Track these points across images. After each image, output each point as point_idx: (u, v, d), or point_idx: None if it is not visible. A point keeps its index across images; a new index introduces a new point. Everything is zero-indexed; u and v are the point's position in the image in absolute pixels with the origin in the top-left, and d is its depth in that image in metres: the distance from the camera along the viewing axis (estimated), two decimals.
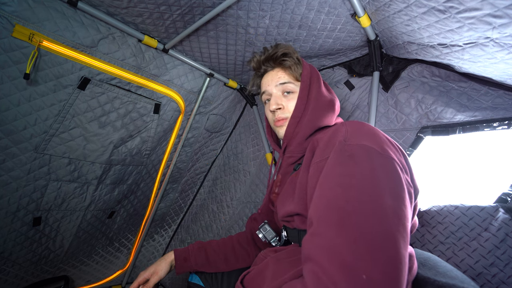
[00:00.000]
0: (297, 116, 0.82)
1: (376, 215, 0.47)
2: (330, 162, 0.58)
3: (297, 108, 0.82)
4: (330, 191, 0.53)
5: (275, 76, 0.88)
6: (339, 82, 1.39)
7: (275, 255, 0.76)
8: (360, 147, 0.57)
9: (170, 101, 1.54)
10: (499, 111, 0.89)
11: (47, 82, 1.12)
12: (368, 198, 0.49)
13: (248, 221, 1.17)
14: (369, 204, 0.48)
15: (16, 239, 1.28)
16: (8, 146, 1.12)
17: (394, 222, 0.47)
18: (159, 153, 1.72)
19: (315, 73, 0.87)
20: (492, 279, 0.79)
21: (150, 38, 1.29)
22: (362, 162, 0.54)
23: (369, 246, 0.43)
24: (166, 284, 2.10)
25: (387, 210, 0.48)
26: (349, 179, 0.52)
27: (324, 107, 0.83)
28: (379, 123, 1.21)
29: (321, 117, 0.82)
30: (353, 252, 0.43)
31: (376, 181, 0.51)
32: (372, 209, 0.48)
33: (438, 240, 0.93)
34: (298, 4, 1.03)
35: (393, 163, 0.55)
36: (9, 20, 0.97)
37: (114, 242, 1.81)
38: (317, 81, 0.85)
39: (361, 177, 0.52)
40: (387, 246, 0.44)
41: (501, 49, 0.68)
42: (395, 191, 0.51)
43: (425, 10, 0.76)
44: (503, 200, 0.87)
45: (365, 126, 0.64)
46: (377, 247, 0.43)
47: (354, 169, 0.53)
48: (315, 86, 0.84)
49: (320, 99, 0.83)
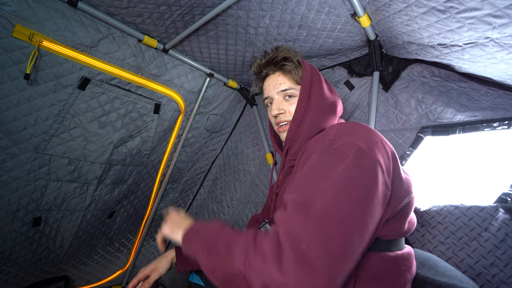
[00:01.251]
0: (298, 119, 0.82)
1: (340, 206, 0.50)
2: (314, 155, 0.62)
3: (297, 112, 0.82)
4: (304, 178, 0.58)
5: (276, 81, 0.88)
6: (339, 82, 1.39)
7: None
8: (345, 143, 0.58)
9: (170, 101, 1.54)
10: (499, 111, 0.89)
11: (47, 82, 1.12)
12: (337, 190, 0.52)
13: (250, 222, 1.18)
14: (335, 195, 0.51)
15: (16, 239, 1.28)
16: (8, 146, 1.12)
17: (353, 214, 0.50)
18: (159, 153, 1.71)
19: (316, 75, 0.87)
20: (492, 279, 0.79)
21: (150, 38, 1.29)
22: (341, 157, 0.56)
23: (323, 228, 0.47)
24: (166, 284, 2.10)
25: (350, 202, 0.50)
26: (324, 169, 0.56)
27: (325, 109, 0.83)
28: (379, 123, 1.21)
29: (322, 120, 0.82)
30: (304, 227, 0.48)
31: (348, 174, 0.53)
32: (337, 200, 0.51)
33: (438, 240, 0.93)
34: (298, 4, 1.03)
35: (374, 163, 0.56)
36: (9, 20, 0.97)
37: (114, 242, 1.81)
38: (318, 83, 0.85)
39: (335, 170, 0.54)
40: (338, 233, 0.47)
41: (501, 49, 0.68)
42: (367, 190, 0.53)
43: (425, 10, 0.76)
44: (503, 200, 0.87)
45: (360, 126, 0.64)
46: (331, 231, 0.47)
47: (331, 162, 0.56)
48: (316, 89, 0.84)
49: (322, 102, 0.83)
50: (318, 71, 0.90)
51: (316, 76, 0.86)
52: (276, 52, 0.88)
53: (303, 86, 0.83)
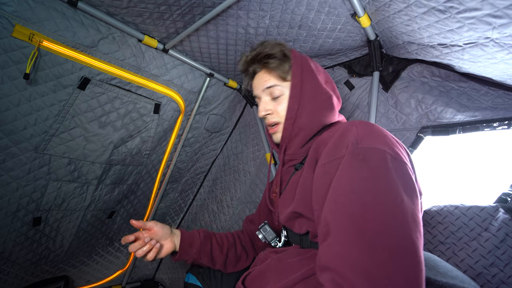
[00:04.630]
0: (291, 117, 0.77)
1: (394, 220, 0.46)
2: (344, 166, 0.56)
3: (290, 109, 0.77)
4: (345, 197, 0.51)
5: (261, 79, 0.83)
6: (339, 82, 1.39)
7: (277, 256, 0.75)
8: (373, 150, 0.55)
9: (170, 101, 1.54)
10: (499, 111, 0.89)
11: (47, 82, 1.12)
12: (384, 203, 0.48)
13: (244, 222, 1.14)
14: (386, 209, 0.47)
15: (16, 239, 1.28)
16: (8, 146, 1.12)
17: (413, 226, 0.46)
18: (159, 153, 1.71)
19: (306, 66, 0.79)
20: (492, 279, 0.79)
21: (150, 38, 1.29)
22: (376, 167, 0.53)
23: (389, 252, 0.42)
24: (166, 284, 2.10)
25: (406, 215, 0.47)
26: (364, 183, 0.51)
27: (323, 103, 0.78)
28: (379, 123, 1.21)
29: (321, 116, 0.77)
30: (374, 260, 0.42)
31: (391, 185, 0.50)
32: (390, 214, 0.46)
33: (438, 240, 0.93)
34: (298, 4, 1.03)
35: (406, 167, 0.54)
36: (9, 20, 0.97)
37: (114, 242, 1.81)
38: (311, 74, 0.79)
39: (375, 182, 0.51)
40: (407, 251, 0.43)
41: (501, 49, 0.68)
42: (410, 195, 0.50)
43: (425, 10, 0.76)
44: (503, 200, 0.87)
45: (374, 127, 0.62)
46: (398, 253, 0.42)
47: (368, 173, 0.52)
48: (309, 81, 0.78)
49: (318, 95, 0.77)
50: (311, 61, 0.83)
51: (307, 66, 0.79)
52: (260, 48, 0.82)
53: (293, 80, 0.77)
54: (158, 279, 2.12)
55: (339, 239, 0.47)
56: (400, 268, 0.41)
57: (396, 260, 0.42)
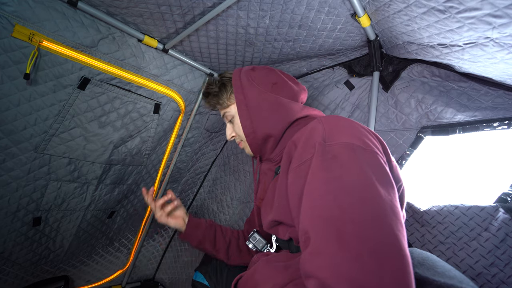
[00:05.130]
0: (249, 133, 0.80)
1: (374, 217, 0.45)
2: (314, 168, 0.54)
3: (244, 127, 0.81)
4: (320, 200, 0.50)
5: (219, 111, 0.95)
6: (339, 82, 1.39)
7: (265, 258, 0.76)
8: (342, 145, 0.54)
9: (170, 101, 1.54)
10: (499, 111, 0.89)
11: (47, 82, 1.12)
12: (361, 200, 0.46)
13: (245, 224, 1.19)
14: (364, 207, 0.46)
15: (16, 239, 1.28)
16: (8, 146, 1.12)
17: (393, 219, 0.45)
18: (159, 153, 1.71)
19: (244, 82, 0.82)
20: (492, 279, 0.79)
21: (150, 38, 1.29)
22: (347, 162, 0.51)
23: (373, 254, 0.41)
24: (166, 284, 2.10)
25: (385, 209, 0.46)
26: (337, 183, 0.50)
27: (271, 107, 0.79)
28: (379, 123, 1.21)
29: (277, 119, 0.78)
30: (359, 265, 0.41)
31: (366, 181, 0.49)
32: (368, 212, 0.45)
33: (438, 240, 0.93)
34: (298, 4, 1.03)
35: (377, 157, 0.53)
36: (9, 20, 0.97)
37: (114, 242, 1.81)
38: (250, 88, 0.81)
39: (349, 179, 0.49)
40: (391, 248, 0.42)
41: (501, 49, 0.68)
42: (385, 186, 0.49)
43: (425, 10, 0.76)
44: (503, 200, 0.87)
45: (341, 120, 0.61)
46: (382, 253, 0.41)
47: (340, 172, 0.51)
48: (249, 95, 0.80)
49: (262, 103, 0.79)
50: (247, 71, 0.85)
51: (244, 82, 0.82)
52: (204, 88, 0.97)
53: (236, 100, 0.81)
54: (158, 279, 2.12)
55: (321, 248, 0.46)
56: (386, 269, 0.40)
57: (381, 261, 0.41)
